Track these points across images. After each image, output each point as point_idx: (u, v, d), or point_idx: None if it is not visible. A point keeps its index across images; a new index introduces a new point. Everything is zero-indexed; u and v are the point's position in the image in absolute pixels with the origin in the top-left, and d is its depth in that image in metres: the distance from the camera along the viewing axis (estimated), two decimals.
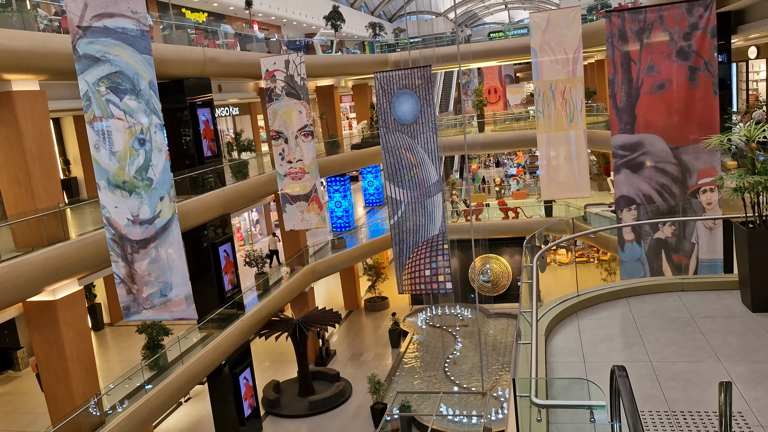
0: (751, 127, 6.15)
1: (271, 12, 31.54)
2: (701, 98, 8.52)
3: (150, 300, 9.81)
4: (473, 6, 67.88)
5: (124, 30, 9.07)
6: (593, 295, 7.41)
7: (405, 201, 14.27)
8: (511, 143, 30.74)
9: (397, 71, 13.82)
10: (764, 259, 6.11)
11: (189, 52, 17.33)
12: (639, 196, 9.10)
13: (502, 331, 25.26)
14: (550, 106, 16.45)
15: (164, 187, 9.49)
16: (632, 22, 8.71)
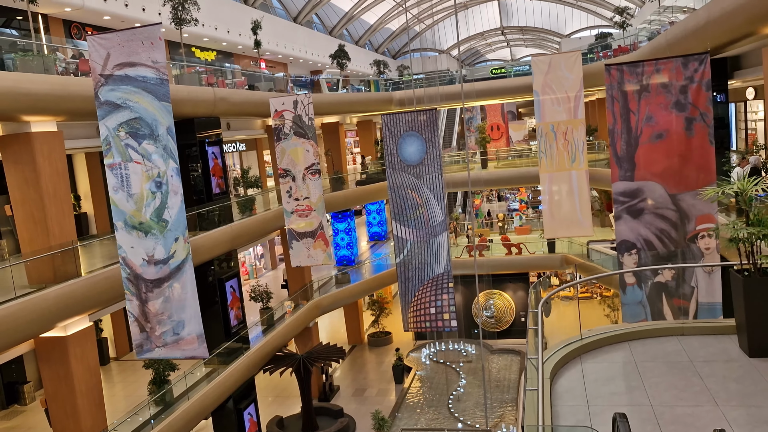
0: (744, 179, 6.45)
1: (278, 50, 32.31)
2: (698, 147, 8.87)
3: (162, 338, 10.04)
4: (476, 44, 69.19)
5: (144, 78, 9.48)
6: (596, 339, 7.64)
7: (411, 240, 14.55)
8: (514, 180, 31.14)
9: (404, 113, 14.24)
10: (759, 305, 6.36)
11: (200, 92, 17.84)
12: (639, 240, 9.39)
13: (505, 368, 25.26)
14: (553, 146, 16.83)
15: (179, 228, 9.79)
16: (631, 75, 9.11)
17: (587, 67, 25.83)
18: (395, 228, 14.72)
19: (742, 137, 25.71)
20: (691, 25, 13.96)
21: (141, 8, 21.71)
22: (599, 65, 26.99)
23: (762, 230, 6.16)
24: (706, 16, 12.56)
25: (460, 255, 28.43)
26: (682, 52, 15.77)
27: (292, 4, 38.12)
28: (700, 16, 13.10)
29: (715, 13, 11.76)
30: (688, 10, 18.75)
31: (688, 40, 14.56)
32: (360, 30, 49.75)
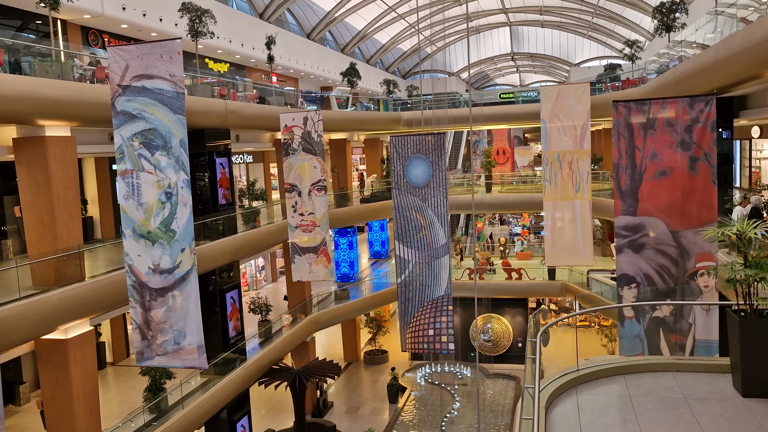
0: (744, 218, 6.60)
1: (290, 65, 32.68)
2: (701, 186, 9.02)
3: (163, 347, 10.14)
4: (486, 68, 69.74)
5: (161, 91, 9.69)
6: (592, 371, 7.73)
7: (413, 261, 14.67)
8: (517, 206, 31.29)
9: (412, 136, 14.44)
10: (754, 346, 6.47)
11: (212, 104, 18.09)
12: (639, 275, 9.51)
13: (500, 392, 25.23)
14: (558, 175, 17.02)
15: (186, 239, 9.93)
16: (637, 113, 9.29)
17: (595, 98, 26.08)
18: (398, 248, 14.85)
19: (746, 174, 25.88)
20: (698, 64, 14.17)
21: (158, 18, 22.05)
22: (607, 97, 27.28)
23: (759, 273, 6.29)
24: (713, 56, 12.77)
25: (460, 277, 28.49)
26: (689, 90, 16.04)
27: (306, 20, 38.58)
28: (708, 55, 13.32)
29: (723, 55, 11.97)
30: (698, 46, 18.98)
31: (695, 78, 14.77)
32: (372, 49, 50.23)
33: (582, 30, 55.99)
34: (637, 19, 43.48)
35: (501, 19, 55.31)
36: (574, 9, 48.77)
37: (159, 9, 22.10)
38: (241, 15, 30.11)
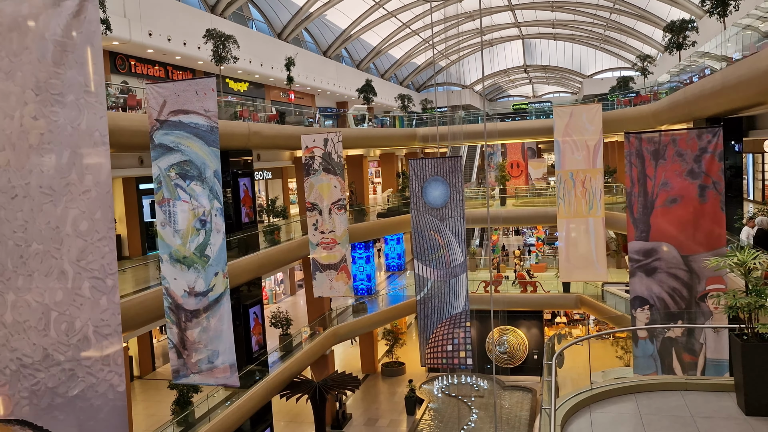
0: (750, 238, 7.07)
1: (308, 83, 33.39)
2: (710, 213, 9.47)
3: (198, 365, 10.71)
4: (499, 80, 70.28)
5: (196, 125, 10.32)
6: (605, 390, 8.21)
7: (431, 279, 15.18)
8: (532, 219, 31.66)
9: (430, 159, 14.98)
10: (756, 368, 6.92)
11: (235, 126, 18.76)
12: (652, 297, 9.96)
13: (517, 404, 25.56)
14: (571, 193, 17.47)
15: (219, 264, 10.53)
16: (648, 143, 9.77)
17: (608, 114, 26.58)
18: (417, 267, 15.37)
19: (759, 187, 26.14)
20: (708, 87, 14.60)
21: (182, 42, 22.82)
22: (619, 113, 27.71)
23: (759, 300, 6.75)
24: (722, 80, 13.21)
25: (476, 290, 28.89)
26: (699, 110, 16.48)
27: (323, 38, 39.40)
28: (717, 79, 13.76)
29: (731, 81, 12.41)
30: (714, 56, 19.36)
31: (705, 100, 15.20)
32: (386, 64, 50.98)
33: (594, 42, 56.39)
34: (649, 32, 43.84)
35: (514, 33, 55.88)
36: (587, 22, 49.24)
37: (183, 34, 22.88)
38: (261, 36, 30.93)
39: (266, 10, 33.26)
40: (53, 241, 3.75)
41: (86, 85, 3.73)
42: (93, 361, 3.90)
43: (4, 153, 3.69)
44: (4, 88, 3.64)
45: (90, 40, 3.70)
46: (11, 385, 3.81)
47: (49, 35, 3.63)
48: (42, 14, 3.63)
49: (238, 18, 30.01)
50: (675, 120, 19.91)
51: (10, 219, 3.69)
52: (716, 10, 17.04)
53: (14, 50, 3.65)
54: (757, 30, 14.67)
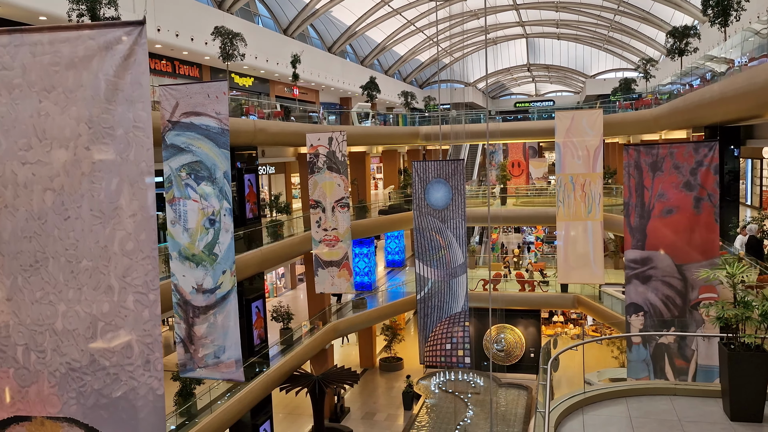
0: (734, 264, 7.39)
1: (312, 79, 33.64)
2: (704, 224, 9.79)
3: (204, 360, 11.05)
4: (502, 77, 70.43)
5: (208, 127, 10.61)
6: (597, 393, 8.54)
7: (432, 279, 15.50)
8: (532, 219, 31.94)
9: (433, 162, 15.28)
10: (741, 375, 7.25)
11: (242, 124, 19.04)
12: (647, 304, 10.29)
13: (513, 401, 25.94)
14: (570, 196, 17.78)
15: (227, 262, 10.85)
16: (646, 155, 10.08)
17: (610, 117, 26.86)
18: (418, 267, 15.69)
19: (756, 192, 26.45)
20: (707, 96, 14.89)
21: (190, 38, 23.07)
22: (620, 117, 27.99)
23: (745, 312, 7.08)
24: (720, 91, 13.50)
25: (474, 288, 29.23)
26: (697, 118, 16.78)
27: (327, 34, 39.60)
28: (715, 90, 14.04)
29: (729, 92, 12.70)
30: (718, 59, 19.65)
31: (704, 109, 15.49)
32: (390, 60, 51.17)
33: (598, 43, 56.55)
34: (652, 35, 44.03)
35: (518, 32, 56.04)
36: (590, 23, 49.40)
37: (191, 30, 23.12)
38: (267, 32, 31.15)
39: (272, 5, 33.48)
40: (101, 258, 4.13)
41: (135, 121, 4.09)
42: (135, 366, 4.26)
43: (59, 179, 4.08)
44: (60, 121, 4.02)
45: (138, 80, 4.05)
46: (60, 386, 4.21)
47: (102, 75, 3.99)
48: (96, 56, 3.98)
49: (244, 14, 30.23)
50: (675, 126, 20.20)
51: (63, 238, 4.10)
52: (718, 19, 17.30)
53: (70, 87, 4.01)
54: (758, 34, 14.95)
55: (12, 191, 4.04)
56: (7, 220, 4.06)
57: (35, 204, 4.06)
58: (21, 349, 4.14)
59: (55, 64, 3.99)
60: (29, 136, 4.02)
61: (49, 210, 4.06)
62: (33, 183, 4.05)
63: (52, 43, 4.00)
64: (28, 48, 3.97)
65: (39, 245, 4.08)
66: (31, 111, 4.00)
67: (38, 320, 4.15)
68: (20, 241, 4.06)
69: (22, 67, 4.00)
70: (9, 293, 4.15)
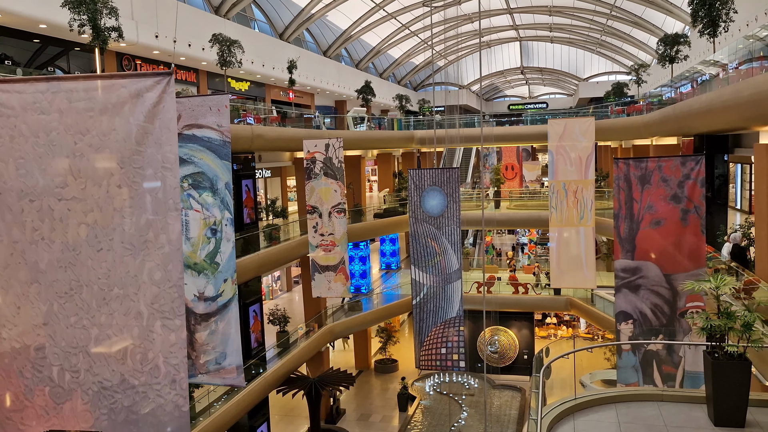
0: (718, 276, 7.73)
1: (308, 83, 33.88)
2: (690, 235, 10.14)
3: (206, 366, 11.31)
4: (496, 80, 70.84)
5: (209, 139, 10.87)
6: (588, 399, 8.86)
7: (427, 285, 15.81)
8: (525, 222, 32.31)
9: (429, 170, 15.59)
10: (725, 383, 7.59)
11: (240, 130, 19.28)
12: (636, 312, 10.63)
13: (506, 403, 26.28)
14: (563, 203, 18.14)
15: (228, 271, 11.11)
16: (636, 169, 10.42)
17: (602, 122, 27.28)
18: (414, 272, 16.00)
19: (746, 197, 26.86)
20: (695, 107, 15.26)
21: (188, 44, 23.30)
22: (612, 122, 28.39)
23: (728, 323, 7.42)
24: (708, 103, 13.86)
25: (468, 290, 29.54)
26: (686, 127, 17.16)
27: (323, 38, 39.86)
28: (703, 101, 14.41)
29: (716, 104, 13.06)
30: (706, 62, 20.04)
31: (692, 118, 15.86)
32: (385, 63, 51.45)
33: (591, 46, 57.02)
34: (644, 39, 44.49)
35: (512, 35, 56.42)
36: (583, 27, 49.83)
37: (188, 36, 23.35)
38: (263, 36, 31.40)
39: (269, 10, 33.71)
40: (131, 286, 4.44)
41: (163, 162, 4.42)
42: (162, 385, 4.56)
43: (93, 214, 4.39)
44: (94, 161, 4.33)
45: (167, 125, 4.36)
46: (93, 403, 4.51)
47: (134, 120, 4.30)
48: (128, 103, 4.29)
49: (241, 19, 30.44)
50: (665, 133, 20.58)
51: (96, 267, 4.41)
52: (707, 30, 17.68)
53: (104, 131, 4.32)
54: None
55: (49, 225, 4.35)
56: (44, 251, 4.39)
57: (70, 236, 4.37)
58: (56, 369, 4.46)
59: (89, 110, 4.30)
60: (65, 175, 4.34)
61: (83, 242, 4.38)
62: (68, 217, 4.37)
63: (87, 91, 4.30)
64: (65, 95, 4.27)
65: (73, 274, 4.40)
66: (67, 152, 4.32)
67: (72, 343, 4.47)
68: (56, 271, 4.39)
69: (59, 112, 4.31)
70: (45, 318, 4.47)
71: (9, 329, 4.46)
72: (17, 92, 4.30)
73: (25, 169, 4.33)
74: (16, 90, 4.31)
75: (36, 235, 4.40)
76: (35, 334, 4.48)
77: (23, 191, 4.37)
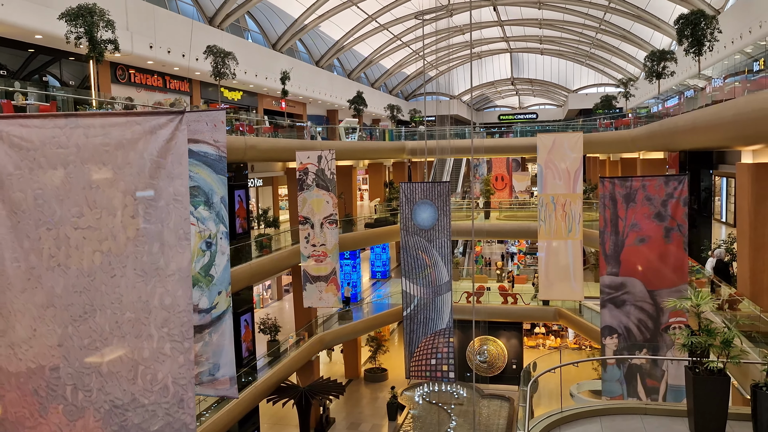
0: (699, 293, 8.02)
1: (300, 93, 34.14)
2: (673, 253, 10.47)
3: (200, 377, 11.46)
4: (486, 90, 71.42)
5: (206, 154, 11.04)
6: (574, 413, 9.12)
7: (418, 296, 16.06)
8: (514, 233, 32.65)
9: (420, 183, 15.86)
10: (705, 398, 7.87)
11: (233, 141, 19.49)
12: (620, 327, 10.93)
13: (495, 412, 26.50)
14: (552, 216, 18.46)
15: (223, 284, 11.29)
16: (621, 188, 10.75)
17: (590, 136, 27.69)
18: (404, 284, 16.23)
19: (731, 210, 27.34)
20: (680, 124, 15.64)
21: (181, 54, 23.49)
22: (600, 136, 28.84)
23: (708, 340, 7.71)
24: (692, 121, 14.24)
25: (458, 300, 29.79)
26: (673, 142, 17.56)
27: (315, 49, 40.17)
28: (688, 119, 14.79)
29: (700, 123, 13.44)
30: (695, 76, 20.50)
31: (677, 135, 16.26)
32: (377, 73, 51.82)
33: (580, 59, 57.71)
34: (632, 53, 45.12)
35: (502, 47, 57.00)
36: (573, 40, 50.47)
37: (182, 46, 23.55)
38: (256, 47, 31.64)
39: (262, 21, 33.97)
40: (143, 311, 4.70)
41: (175, 195, 4.68)
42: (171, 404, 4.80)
43: (107, 242, 4.66)
44: (109, 193, 4.60)
45: (179, 160, 4.63)
46: (105, 421, 4.75)
47: (147, 155, 4.57)
48: (142, 139, 4.56)
49: (234, 29, 30.68)
50: (651, 148, 20.98)
51: (109, 293, 4.67)
52: (692, 49, 18.10)
53: (119, 164, 4.59)
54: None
55: (65, 252, 4.62)
56: (60, 276, 4.65)
57: (85, 263, 4.64)
58: (70, 389, 4.70)
59: (105, 145, 4.57)
60: (81, 205, 4.61)
61: (97, 269, 4.65)
62: (84, 245, 4.63)
63: (103, 126, 4.56)
64: (82, 130, 4.53)
65: (88, 299, 4.66)
66: (84, 184, 4.59)
67: (86, 363, 4.72)
68: (71, 295, 4.66)
69: (76, 146, 4.57)
70: (60, 340, 4.73)
71: (25, 350, 4.72)
72: (37, 127, 4.56)
73: (43, 199, 4.61)
74: (35, 125, 4.57)
75: (53, 262, 4.68)
76: (50, 355, 4.75)
77: (41, 220, 4.64)
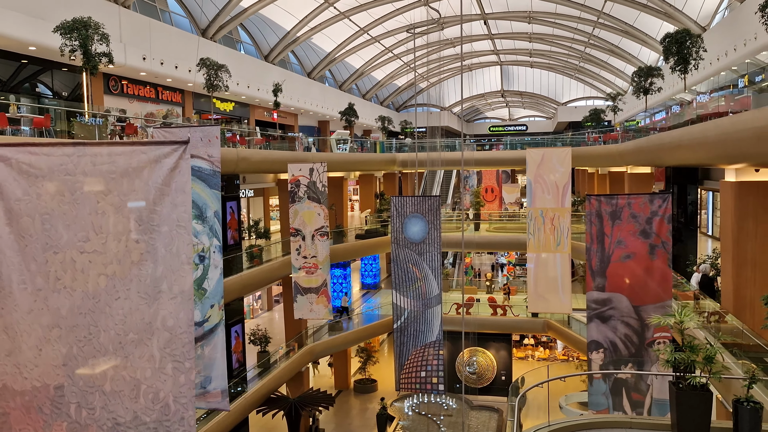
0: (683, 310, 8.24)
1: (292, 104, 34.34)
2: (658, 269, 10.71)
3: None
4: (477, 102, 71.99)
5: (200, 169, 11.22)
6: (561, 427, 9.29)
7: (408, 309, 16.22)
8: (504, 245, 32.93)
9: (411, 197, 16.06)
10: (688, 412, 8.08)
11: (225, 153, 19.58)
12: (606, 342, 11.15)
13: (483, 424, 26.61)
14: (540, 230, 18.68)
15: (216, 297, 11.42)
16: (607, 205, 11.00)
17: (579, 150, 28.06)
18: (395, 297, 16.40)
19: (717, 223, 27.73)
20: (666, 141, 15.95)
21: (174, 66, 23.62)
22: (589, 150, 29.23)
23: (691, 356, 7.92)
24: (678, 139, 14.54)
25: (448, 311, 29.97)
26: (659, 158, 17.89)
27: (308, 60, 40.43)
28: (674, 136, 15.10)
29: (685, 141, 13.74)
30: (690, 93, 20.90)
31: (663, 151, 16.57)
32: (368, 84, 52.16)
33: (570, 72, 58.37)
34: (621, 67, 45.72)
35: (493, 59, 57.55)
36: (562, 53, 51.08)
37: (175, 58, 23.70)
38: (249, 58, 31.83)
39: (255, 33, 34.20)
40: (146, 332, 4.87)
41: (178, 221, 4.88)
42: (172, 422, 4.96)
43: (112, 266, 4.85)
44: (114, 219, 4.79)
45: (182, 188, 4.83)
46: None
47: (152, 183, 4.76)
48: (147, 167, 4.76)
49: (227, 41, 30.86)
50: (638, 163, 21.31)
51: (113, 315, 4.85)
52: (678, 67, 18.47)
53: (124, 191, 4.78)
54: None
55: (71, 275, 4.80)
56: (65, 298, 4.83)
57: (90, 286, 4.82)
58: (74, 407, 4.86)
59: (111, 172, 4.75)
60: (87, 230, 4.80)
61: (102, 291, 4.83)
62: (89, 269, 4.81)
63: (110, 155, 4.75)
64: (90, 158, 4.72)
65: (92, 320, 4.84)
66: (90, 209, 4.78)
67: (89, 383, 4.88)
68: (76, 317, 4.84)
69: (83, 173, 4.76)
70: (65, 360, 4.90)
71: (30, 369, 4.88)
72: (45, 155, 4.74)
73: (50, 224, 4.78)
74: (44, 153, 4.74)
75: (59, 284, 4.85)
76: (55, 374, 4.90)
77: (48, 244, 4.81)
